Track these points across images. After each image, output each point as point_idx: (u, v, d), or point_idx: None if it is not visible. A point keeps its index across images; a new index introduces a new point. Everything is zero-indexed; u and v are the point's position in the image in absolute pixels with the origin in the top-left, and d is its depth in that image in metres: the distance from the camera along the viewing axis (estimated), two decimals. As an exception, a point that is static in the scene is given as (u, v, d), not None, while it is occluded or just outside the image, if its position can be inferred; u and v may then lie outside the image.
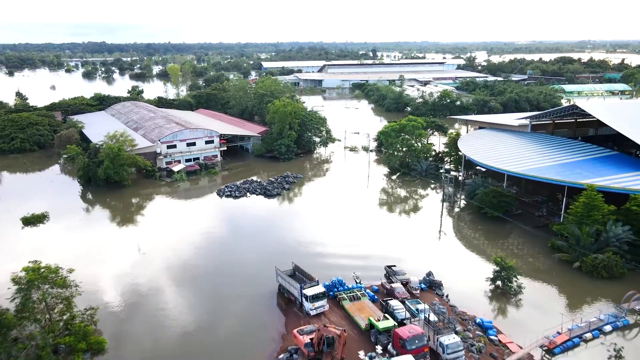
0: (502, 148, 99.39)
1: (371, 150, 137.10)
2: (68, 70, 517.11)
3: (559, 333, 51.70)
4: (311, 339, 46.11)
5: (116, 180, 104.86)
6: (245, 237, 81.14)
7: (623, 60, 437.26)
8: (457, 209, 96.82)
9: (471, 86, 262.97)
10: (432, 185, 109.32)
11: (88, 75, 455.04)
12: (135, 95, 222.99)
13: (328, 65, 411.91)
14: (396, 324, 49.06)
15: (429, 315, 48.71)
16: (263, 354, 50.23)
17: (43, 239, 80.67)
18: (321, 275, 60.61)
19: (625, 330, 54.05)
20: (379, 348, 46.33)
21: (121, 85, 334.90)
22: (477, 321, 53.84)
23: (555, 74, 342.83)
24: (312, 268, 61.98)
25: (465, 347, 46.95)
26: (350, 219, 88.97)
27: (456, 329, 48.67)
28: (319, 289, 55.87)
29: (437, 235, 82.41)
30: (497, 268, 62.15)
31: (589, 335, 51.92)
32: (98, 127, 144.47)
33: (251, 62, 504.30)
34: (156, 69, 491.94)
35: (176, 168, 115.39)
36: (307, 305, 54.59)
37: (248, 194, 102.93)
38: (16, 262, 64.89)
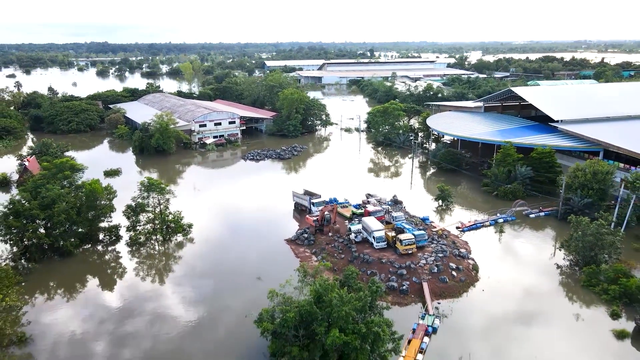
0: (459, 122, 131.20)
1: (362, 131, 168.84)
2: (80, 69, 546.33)
3: (469, 222, 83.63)
4: (317, 218, 77.95)
5: (164, 149, 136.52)
6: (266, 182, 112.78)
7: (603, 59, 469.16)
8: (428, 174, 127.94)
9: (456, 82, 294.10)
10: (410, 156, 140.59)
11: (101, 74, 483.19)
12: (156, 89, 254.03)
13: (327, 63, 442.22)
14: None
15: (388, 208, 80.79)
16: (289, 231, 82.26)
17: (122, 184, 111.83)
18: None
19: (512, 224, 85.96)
20: (356, 221, 78.62)
21: (134, 82, 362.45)
22: (420, 217, 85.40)
23: (536, 71, 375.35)
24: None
25: (408, 221, 78.82)
26: (344, 173, 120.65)
27: (401, 211, 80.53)
28: (322, 199, 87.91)
29: (408, 184, 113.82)
30: (440, 192, 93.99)
31: (487, 223, 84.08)
32: (138, 113, 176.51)
33: (253, 62, 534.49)
34: (164, 68, 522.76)
35: (208, 141, 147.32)
36: (314, 209, 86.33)
37: (266, 158, 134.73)
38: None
